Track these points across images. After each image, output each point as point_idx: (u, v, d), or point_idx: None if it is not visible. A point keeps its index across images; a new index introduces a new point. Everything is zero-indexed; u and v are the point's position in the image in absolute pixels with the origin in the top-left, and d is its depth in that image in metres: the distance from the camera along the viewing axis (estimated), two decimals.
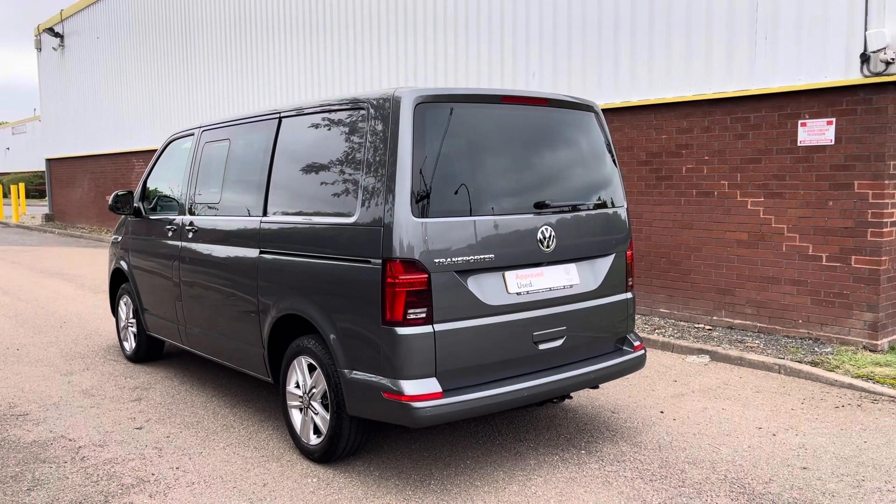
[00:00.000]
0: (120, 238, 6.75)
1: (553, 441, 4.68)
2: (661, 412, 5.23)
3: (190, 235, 5.49)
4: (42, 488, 4.04)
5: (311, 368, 4.34)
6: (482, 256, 3.98)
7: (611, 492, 3.95)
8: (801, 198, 6.98)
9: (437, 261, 3.82)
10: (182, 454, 4.51)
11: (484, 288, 4.00)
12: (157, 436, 4.83)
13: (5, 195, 32.25)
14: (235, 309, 4.96)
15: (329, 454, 4.25)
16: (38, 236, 20.67)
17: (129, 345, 6.72)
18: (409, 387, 3.75)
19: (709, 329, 7.61)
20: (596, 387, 4.77)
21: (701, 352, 6.77)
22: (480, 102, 4.15)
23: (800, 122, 6.93)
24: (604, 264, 4.62)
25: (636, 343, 4.77)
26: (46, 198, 25.83)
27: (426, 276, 3.78)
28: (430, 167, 3.86)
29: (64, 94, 23.12)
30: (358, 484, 4.07)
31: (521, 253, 4.16)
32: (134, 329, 6.61)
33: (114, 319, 7.78)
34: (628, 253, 4.80)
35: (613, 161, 4.80)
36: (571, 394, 4.91)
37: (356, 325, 3.95)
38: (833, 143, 6.72)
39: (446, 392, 3.81)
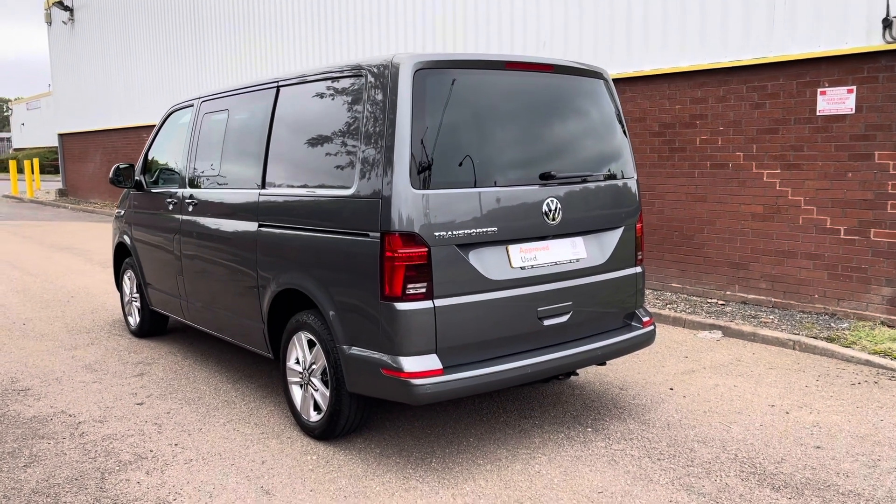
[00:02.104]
0: (123, 212, 6.67)
1: (559, 418, 4.57)
2: (671, 389, 5.10)
3: (190, 209, 5.39)
4: (39, 464, 4.00)
5: (311, 344, 4.24)
6: (485, 230, 3.84)
7: (617, 471, 3.85)
8: (819, 169, 6.77)
9: (437, 234, 3.69)
10: (181, 430, 4.45)
11: (486, 262, 3.88)
12: (157, 412, 4.77)
13: (20, 171, 32.36)
14: (235, 283, 4.87)
15: (329, 431, 4.17)
16: (51, 211, 20.72)
17: (134, 319, 6.67)
18: (409, 363, 3.64)
19: (722, 304, 7.46)
20: (603, 363, 4.65)
21: (713, 327, 6.63)
22: (483, 69, 3.99)
23: (819, 90, 6.70)
24: (612, 238, 4.47)
25: (645, 318, 4.63)
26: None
27: (426, 249, 3.66)
28: (431, 137, 3.72)
29: (75, 68, 23.03)
30: (358, 462, 3.99)
31: (526, 226, 4.02)
32: (138, 304, 6.55)
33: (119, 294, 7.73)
34: (638, 226, 4.64)
35: (623, 131, 4.63)
36: (578, 370, 4.82)
37: (355, 299, 3.85)
38: (853, 111, 6.50)
39: (447, 369, 3.70)
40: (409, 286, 3.64)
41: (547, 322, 4.09)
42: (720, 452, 4.06)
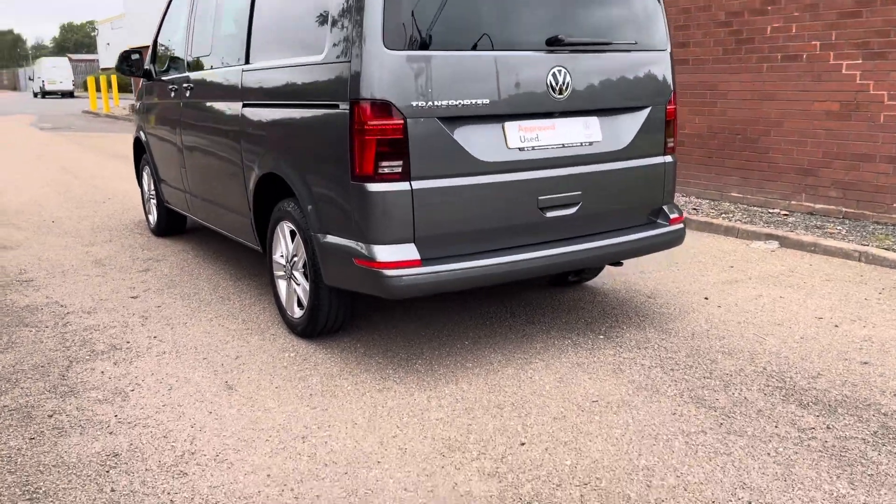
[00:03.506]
0: (139, 105, 6.42)
1: (570, 325, 4.11)
2: (706, 299, 4.55)
3: (187, 94, 5.05)
4: (12, 351, 3.84)
5: (293, 235, 3.89)
6: (475, 101, 3.33)
7: (620, 379, 3.38)
8: None
9: (415, 104, 3.20)
10: (166, 324, 4.23)
11: (477, 140, 3.37)
12: (148, 305, 4.57)
13: (98, 88, 33.13)
14: (226, 172, 4.53)
15: (311, 328, 3.84)
16: (122, 125, 21.06)
17: (153, 217, 6.50)
18: (382, 252, 3.23)
19: (785, 214, 6.71)
20: (619, 264, 4.14)
21: (770, 237, 5.94)
22: None
23: None
24: (635, 120, 3.87)
25: (673, 216, 4.06)
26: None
27: (401, 121, 3.18)
28: None
29: None
30: (337, 360, 3.66)
31: (527, 100, 3.47)
32: (155, 201, 6.36)
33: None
34: (669, 108, 4.01)
35: None
36: (588, 270, 4.34)
37: (328, 181, 3.43)
38: None
39: (426, 261, 3.27)
40: (382, 164, 3.19)
41: (550, 213, 3.58)
42: (746, 365, 3.53)
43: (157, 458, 2.76)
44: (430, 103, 3.22)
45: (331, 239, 3.47)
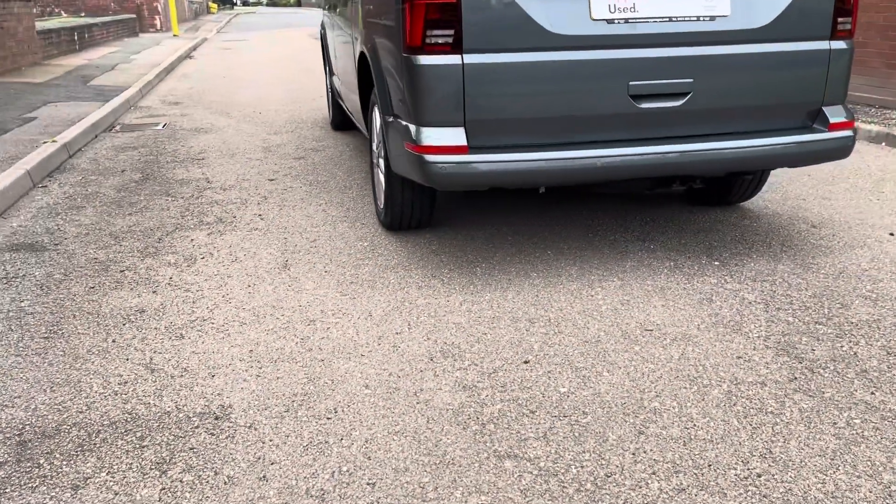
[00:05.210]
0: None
1: (686, 247, 3.45)
2: (891, 234, 3.55)
3: None
4: (139, 214, 4.18)
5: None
6: None
7: (700, 311, 2.76)
8: None
9: None
10: (277, 204, 4.32)
11: (548, 8, 2.84)
12: (277, 187, 4.70)
13: None
14: (348, 58, 4.43)
15: (389, 220, 3.66)
16: None
17: (331, 112, 6.68)
18: (425, 135, 2.91)
19: None
20: (747, 175, 3.34)
21: None
22: None
23: None
24: None
25: (835, 120, 3.15)
26: None
27: None
28: None
29: None
30: (404, 253, 3.46)
31: None
32: (331, 94, 6.52)
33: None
34: None
35: None
36: (741, 188, 3.61)
37: (389, 57, 3.15)
38: None
39: (474, 149, 2.89)
40: (431, 33, 2.83)
41: (645, 104, 2.96)
42: (887, 315, 2.68)
43: (170, 320, 2.82)
44: None
45: (395, 122, 3.21)
